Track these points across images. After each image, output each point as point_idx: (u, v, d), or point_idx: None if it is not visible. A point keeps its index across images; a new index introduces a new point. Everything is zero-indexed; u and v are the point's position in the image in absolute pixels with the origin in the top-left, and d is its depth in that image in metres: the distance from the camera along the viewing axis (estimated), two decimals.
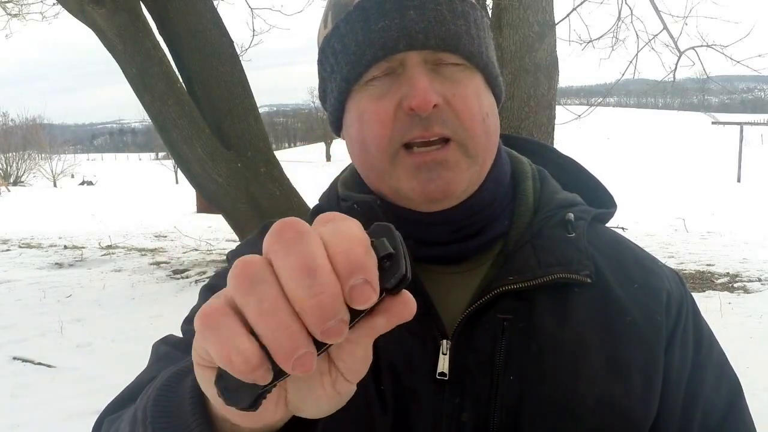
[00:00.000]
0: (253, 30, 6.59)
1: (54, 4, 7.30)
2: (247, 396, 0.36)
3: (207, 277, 6.78)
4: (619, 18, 5.93)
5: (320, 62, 0.75)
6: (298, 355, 0.34)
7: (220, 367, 0.36)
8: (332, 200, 0.80)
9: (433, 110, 0.65)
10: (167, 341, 0.75)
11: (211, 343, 0.36)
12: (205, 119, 4.84)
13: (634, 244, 0.81)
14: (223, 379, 0.36)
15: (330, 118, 0.76)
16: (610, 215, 0.81)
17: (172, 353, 0.72)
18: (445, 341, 0.67)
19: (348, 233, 0.37)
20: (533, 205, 0.76)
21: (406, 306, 0.38)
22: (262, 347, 0.34)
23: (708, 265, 7.18)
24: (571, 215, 0.74)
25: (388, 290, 0.37)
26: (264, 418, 0.42)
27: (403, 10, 0.66)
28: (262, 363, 0.35)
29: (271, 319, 0.34)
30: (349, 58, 0.69)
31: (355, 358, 0.39)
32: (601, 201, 0.81)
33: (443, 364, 0.66)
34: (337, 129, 0.76)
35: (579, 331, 0.69)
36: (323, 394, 0.41)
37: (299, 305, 0.34)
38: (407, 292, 0.38)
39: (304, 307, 0.34)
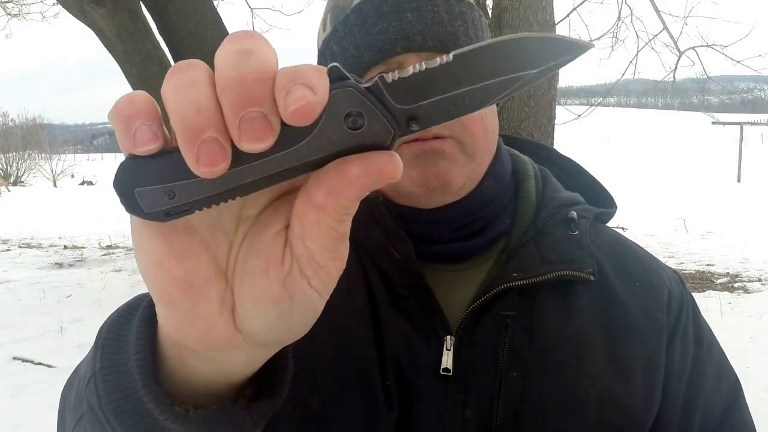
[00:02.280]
0: (253, 30, 6.60)
1: (54, 4, 7.30)
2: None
3: None
4: (619, 18, 5.94)
5: (319, 65, 0.75)
6: (203, 139, 0.30)
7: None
8: None
9: None
10: None
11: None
12: None
13: (635, 243, 0.81)
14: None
15: None
16: (611, 215, 0.81)
17: None
18: (449, 337, 0.68)
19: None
20: (536, 203, 0.76)
21: (390, 156, 0.30)
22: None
23: (708, 265, 7.18)
24: (574, 213, 0.74)
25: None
26: (212, 335, 0.35)
27: (400, 12, 0.67)
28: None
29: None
30: (347, 61, 0.69)
31: (320, 239, 0.32)
32: (601, 201, 0.82)
33: (447, 360, 0.67)
34: None
35: (581, 328, 0.69)
36: (267, 292, 0.34)
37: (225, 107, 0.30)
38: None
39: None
